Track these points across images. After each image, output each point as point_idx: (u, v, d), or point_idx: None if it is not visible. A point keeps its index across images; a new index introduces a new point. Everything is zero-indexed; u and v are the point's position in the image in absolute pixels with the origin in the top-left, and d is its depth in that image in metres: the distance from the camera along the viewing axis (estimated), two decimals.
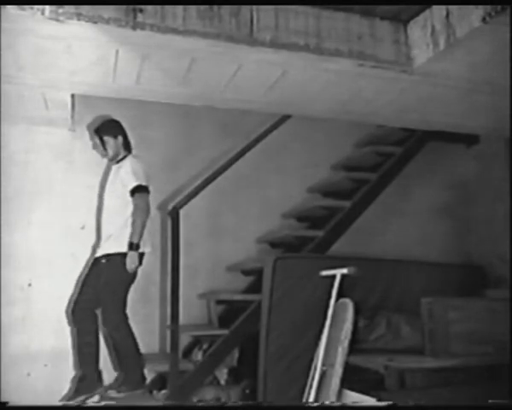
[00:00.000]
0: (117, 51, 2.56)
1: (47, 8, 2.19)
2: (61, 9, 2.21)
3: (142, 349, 3.81)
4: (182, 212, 3.55)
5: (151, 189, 3.37)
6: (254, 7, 2.52)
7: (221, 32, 2.45)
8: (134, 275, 3.28)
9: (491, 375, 3.01)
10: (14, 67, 2.70)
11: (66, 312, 3.65)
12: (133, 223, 3.24)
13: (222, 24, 2.46)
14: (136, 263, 3.23)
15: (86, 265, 3.64)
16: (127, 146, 3.54)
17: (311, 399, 3.11)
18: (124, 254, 3.21)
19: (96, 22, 2.27)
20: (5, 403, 3.13)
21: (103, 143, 3.52)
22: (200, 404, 3.56)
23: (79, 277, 3.66)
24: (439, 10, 2.58)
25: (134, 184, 3.30)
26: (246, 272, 4.14)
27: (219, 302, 3.98)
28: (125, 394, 3.24)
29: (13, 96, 3.16)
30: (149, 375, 3.78)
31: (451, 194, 4.76)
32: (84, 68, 2.75)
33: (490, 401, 2.72)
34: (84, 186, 3.88)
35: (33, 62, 2.67)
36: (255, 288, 3.89)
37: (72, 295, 3.64)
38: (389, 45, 2.77)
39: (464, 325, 3.16)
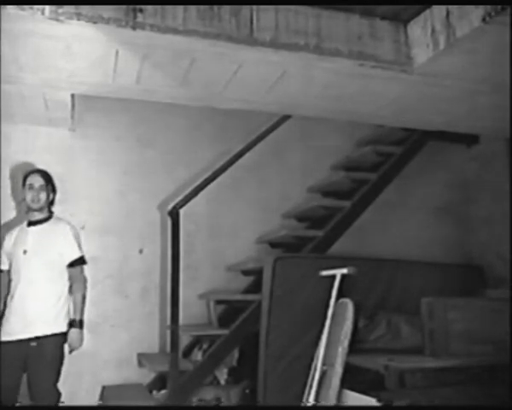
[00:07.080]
0: (117, 51, 2.55)
1: (47, 8, 2.19)
2: (61, 9, 2.21)
3: (143, 349, 3.84)
4: (182, 212, 3.55)
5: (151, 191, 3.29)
6: (254, 7, 2.52)
7: (221, 32, 2.45)
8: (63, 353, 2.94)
9: (491, 375, 3.01)
10: (14, 67, 2.69)
11: None
12: (75, 298, 2.98)
13: (222, 24, 2.45)
14: (81, 342, 2.95)
15: None
16: (50, 207, 3.16)
17: (311, 399, 3.12)
18: (59, 334, 2.91)
19: (95, 22, 2.27)
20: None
21: (46, 189, 3.09)
22: (199, 404, 3.56)
23: None
24: (439, 10, 2.58)
25: (77, 255, 3.04)
26: (246, 272, 4.14)
27: (219, 302, 3.98)
28: None
29: (13, 96, 3.16)
30: (149, 375, 3.80)
31: (451, 194, 4.77)
32: (84, 68, 2.74)
33: (489, 401, 2.72)
34: (84, 186, 3.88)
35: (33, 62, 2.66)
36: (255, 288, 3.90)
37: None
38: (389, 45, 2.77)
39: (464, 325, 3.17)
